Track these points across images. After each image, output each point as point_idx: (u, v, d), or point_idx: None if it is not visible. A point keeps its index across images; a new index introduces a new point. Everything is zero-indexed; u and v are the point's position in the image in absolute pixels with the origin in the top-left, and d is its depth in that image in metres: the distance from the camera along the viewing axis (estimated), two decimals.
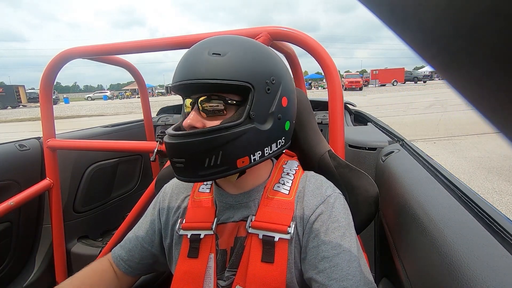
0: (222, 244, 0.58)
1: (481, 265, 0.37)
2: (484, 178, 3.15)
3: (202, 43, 0.53)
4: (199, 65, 0.49)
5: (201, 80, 0.48)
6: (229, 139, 0.49)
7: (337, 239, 0.51)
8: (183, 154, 0.50)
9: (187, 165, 0.50)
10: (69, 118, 13.44)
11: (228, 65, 0.49)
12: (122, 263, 0.64)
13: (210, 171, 0.50)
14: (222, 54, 0.50)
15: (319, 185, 0.59)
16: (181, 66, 0.52)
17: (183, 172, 0.51)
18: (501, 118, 0.11)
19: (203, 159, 0.49)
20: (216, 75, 0.48)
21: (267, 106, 0.52)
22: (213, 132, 0.48)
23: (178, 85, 0.51)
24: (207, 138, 0.48)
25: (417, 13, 0.11)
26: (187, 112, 0.54)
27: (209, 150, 0.49)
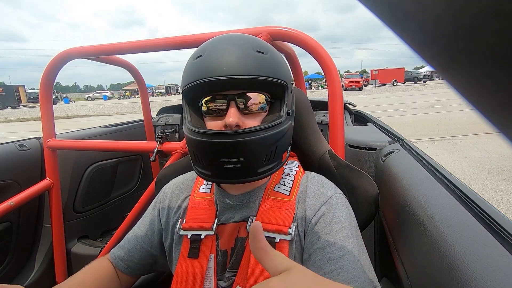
0: (223, 245, 0.58)
1: (481, 265, 0.37)
2: (484, 178, 3.16)
3: (239, 38, 0.51)
4: (248, 60, 0.48)
5: (252, 77, 0.47)
6: (283, 133, 0.51)
7: (342, 240, 0.51)
8: (242, 152, 0.47)
9: (246, 164, 0.48)
10: (69, 118, 13.44)
11: (273, 63, 0.51)
12: (121, 263, 0.64)
13: (267, 167, 0.51)
14: (265, 52, 0.50)
15: (321, 186, 0.59)
16: (221, 58, 0.48)
17: (239, 173, 0.49)
18: (501, 118, 0.11)
19: (263, 156, 0.49)
20: (265, 72, 0.49)
21: (291, 105, 0.57)
22: (272, 128, 0.49)
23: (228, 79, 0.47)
24: (269, 134, 0.49)
25: (417, 13, 0.11)
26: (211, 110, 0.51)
27: (269, 145, 0.50)
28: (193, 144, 0.50)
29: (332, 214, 0.54)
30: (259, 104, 0.51)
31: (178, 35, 0.97)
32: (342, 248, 0.50)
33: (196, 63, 0.50)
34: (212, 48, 0.50)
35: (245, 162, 0.48)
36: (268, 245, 0.34)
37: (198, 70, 0.49)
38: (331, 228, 0.52)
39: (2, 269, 1.23)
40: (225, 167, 0.48)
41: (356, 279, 0.47)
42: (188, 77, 0.51)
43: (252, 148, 0.48)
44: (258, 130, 0.48)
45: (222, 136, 0.47)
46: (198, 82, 0.49)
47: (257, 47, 0.50)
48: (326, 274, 0.49)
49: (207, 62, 0.49)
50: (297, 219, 0.55)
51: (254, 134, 0.48)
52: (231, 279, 0.55)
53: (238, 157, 0.47)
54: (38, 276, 1.33)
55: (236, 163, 0.48)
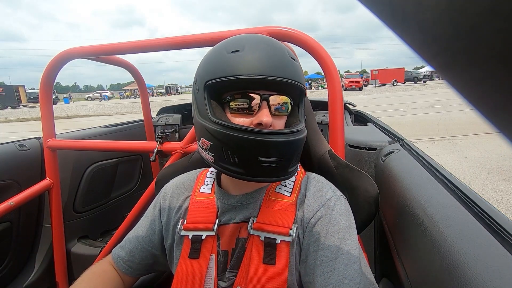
0: (224, 245, 0.58)
1: (481, 265, 0.37)
2: (484, 178, 3.16)
3: (273, 41, 0.53)
4: (287, 66, 0.50)
5: (290, 81, 0.50)
6: (304, 140, 0.55)
7: (336, 242, 0.51)
8: (281, 152, 0.49)
9: (282, 163, 0.50)
10: (69, 118, 13.44)
11: (300, 70, 0.54)
12: (122, 264, 0.64)
13: (293, 168, 0.54)
14: (295, 59, 0.53)
15: (320, 188, 0.59)
16: (264, 59, 0.49)
17: (273, 172, 0.50)
18: (501, 118, 0.11)
19: (294, 155, 0.52)
20: (297, 77, 0.52)
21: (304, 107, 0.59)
22: (301, 131, 0.53)
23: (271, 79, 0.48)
24: (302, 137, 0.53)
25: (417, 13, 0.11)
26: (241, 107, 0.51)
27: (300, 147, 0.54)
28: (226, 139, 0.48)
29: (330, 216, 0.54)
30: (285, 106, 0.54)
31: (178, 35, 0.97)
32: (336, 251, 0.50)
33: (233, 58, 0.49)
34: (251, 45, 0.50)
35: (281, 162, 0.49)
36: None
37: (235, 66, 0.48)
38: (328, 230, 0.53)
39: (2, 269, 1.23)
40: (261, 165, 0.48)
41: (348, 282, 0.47)
42: (222, 71, 0.49)
43: (290, 149, 0.50)
44: (292, 132, 0.51)
45: (263, 135, 0.47)
46: (236, 77, 0.48)
47: (290, 54, 0.53)
48: (318, 276, 0.49)
49: (249, 58, 0.48)
50: (297, 221, 0.55)
51: (291, 135, 0.50)
52: (231, 280, 0.55)
53: (277, 157, 0.48)
54: (38, 276, 1.33)
55: (273, 162, 0.48)
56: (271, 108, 0.51)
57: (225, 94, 0.52)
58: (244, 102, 0.50)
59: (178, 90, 49.13)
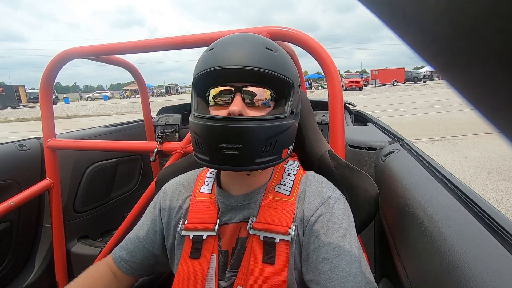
0: (224, 245, 0.58)
1: (481, 265, 0.37)
2: (484, 178, 3.15)
3: (251, 35, 0.54)
4: (257, 55, 0.50)
5: (260, 69, 0.49)
6: (283, 129, 0.52)
7: (338, 240, 0.51)
8: (242, 139, 0.47)
9: (244, 151, 0.48)
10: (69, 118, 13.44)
11: (281, 61, 0.52)
12: (123, 264, 0.64)
13: (264, 159, 0.50)
14: (274, 50, 0.52)
15: (320, 186, 0.59)
16: (231, 51, 0.50)
17: (236, 160, 0.49)
18: (501, 118, 0.11)
19: (261, 146, 0.49)
20: (272, 67, 0.50)
21: (296, 106, 0.57)
22: (275, 120, 0.50)
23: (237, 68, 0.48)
24: (270, 125, 0.49)
25: (417, 13, 0.11)
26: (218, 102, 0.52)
27: (269, 137, 0.50)
28: (195, 128, 0.51)
29: (330, 214, 0.54)
30: (264, 99, 0.52)
31: (178, 35, 0.97)
32: (338, 247, 0.50)
33: (208, 55, 0.52)
34: (224, 42, 0.52)
35: (243, 149, 0.48)
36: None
37: (208, 61, 0.51)
38: (328, 228, 0.53)
39: (2, 269, 1.23)
40: (223, 152, 0.48)
41: (352, 279, 0.47)
42: (199, 67, 0.53)
43: (250, 136, 0.48)
44: (258, 119, 0.49)
45: (223, 120, 0.48)
46: (206, 70, 0.50)
47: (267, 45, 0.52)
48: (322, 273, 0.49)
49: (218, 53, 0.50)
50: (297, 220, 0.55)
51: (254, 122, 0.48)
52: (231, 279, 0.56)
53: (237, 143, 0.47)
54: (38, 276, 1.33)
55: (234, 149, 0.48)
56: (245, 99, 0.51)
57: (208, 90, 0.54)
58: (220, 95, 0.52)
59: (178, 90, 49.09)
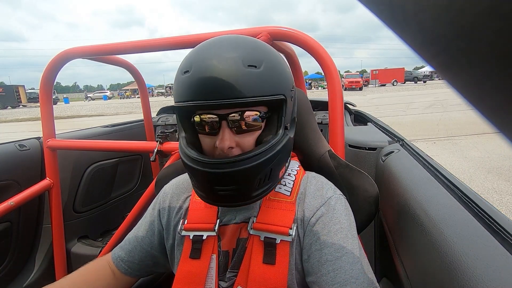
0: (224, 246, 0.58)
1: (481, 265, 0.37)
2: (484, 178, 3.15)
3: (228, 48, 0.46)
4: (237, 80, 0.43)
5: (242, 100, 0.44)
6: (278, 154, 0.49)
7: (340, 241, 0.51)
8: (234, 182, 0.47)
9: (239, 191, 0.48)
10: (69, 118, 13.44)
11: (268, 77, 0.46)
12: (122, 264, 0.64)
13: (261, 190, 0.50)
14: (258, 65, 0.46)
15: (320, 187, 0.59)
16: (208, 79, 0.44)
17: (232, 199, 0.49)
18: (501, 118, 0.11)
19: (256, 181, 0.48)
20: (257, 91, 0.45)
21: (292, 112, 0.53)
22: (267, 151, 0.47)
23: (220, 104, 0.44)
24: (264, 160, 0.47)
25: (417, 13, 0.11)
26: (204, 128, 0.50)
27: (262, 171, 0.48)
28: (187, 167, 0.50)
29: (331, 215, 0.54)
30: (253, 122, 0.49)
31: (177, 35, 0.97)
32: (340, 249, 0.50)
33: (184, 80, 0.46)
34: (198, 63, 0.46)
35: (238, 190, 0.48)
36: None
37: (186, 90, 0.46)
38: (330, 229, 0.52)
39: (2, 269, 1.23)
40: (219, 193, 0.48)
41: (354, 280, 0.47)
42: (178, 95, 0.48)
43: (244, 177, 0.47)
44: (251, 157, 0.46)
45: (211, 165, 0.46)
46: (187, 104, 0.46)
47: (249, 61, 0.45)
48: (324, 275, 0.49)
49: (195, 81, 0.45)
50: (297, 220, 0.55)
51: (246, 162, 0.46)
52: (232, 280, 0.56)
53: (231, 185, 0.47)
54: (38, 276, 1.33)
55: (229, 190, 0.47)
56: (233, 127, 0.48)
57: (193, 114, 0.50)
58: (205, 123, 0.49)
59: None
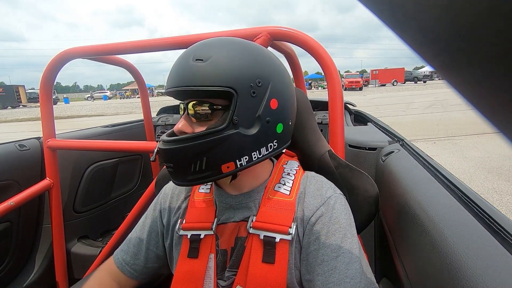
0: (223, 244, 0.58)
1: (481, 265, 0.37)
2: (484, 178, 3.15)
3: (190, 48, 0.54)
4: (183, 72, 0.51)
5: (184, 88, 0.50)
6: (213, 145, 0.49)
7: (338, 241, 0.51)
8: (171, 159, 0.52)
9: (176, 169, 0.52)
10: (69, 118, 13.44)
11: (209, 71, 0.49)
12: (128, 268, 0.63)
13: (196, 176, 0.51)
14: (205, 60, 0.50)
15: (320, 186, 0.59)
16: (171, 72, 0.54)
17: (173, 176, 0.54)
18: (501, 118, 0.11)
19: (189, 165, 0.51)
20: (197, 81, 0.49)
21: (253, 110, 0.51)
22: (197, 138, 0.49)
23: (169, 91, 0.53)
24: (191, 145, 0.50)
25: (417, 13, 0.11)
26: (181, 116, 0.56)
27: (194, 156, 0.50)
28: None
29: (330, 214, 0.54)
30: (203, 111, 0.52)
31: (177, 35, 0.97)
32: (337, 249, 0.50)
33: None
34: (177, 59, 0.55)
35: (175, 168, 0.52)
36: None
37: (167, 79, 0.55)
38: (328, 229, 0.53)
39: (2, 269, 1.23)
40: (168, 169, 0.54)
41: (349, 280, 0.48)
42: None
43: (175, 157, 0.51)
44: (182, 140, 0.50)
45: (164, 142, 0.53)
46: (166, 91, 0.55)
47: (198, 56, 0.50)
48: (319, 275, 0.49)
49: (169, 72, 0.54)
50: (297, 219, 0.55)
51: (178, 143, 0.50)
52: (231, 279, 0.56)
53: (169, 162, 0.52)
54: (38, 276, 1.33)
55: (170, 167, 0.53)
56: (189, 115, 0.53)
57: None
58: (180, 110, 0.56)
59: None
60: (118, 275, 0.64)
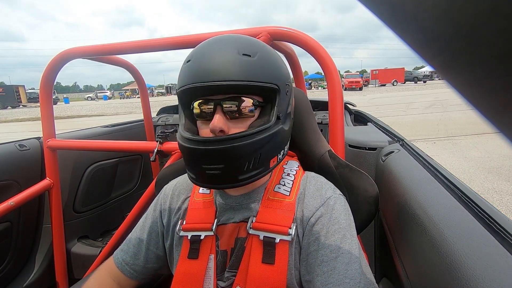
0: (223, 245, 0.58)
1: (481, 265, 0.37)
2: (484, 178, 3.15)
3: (226, 41, 0.50)
4: (231, 65, 0.47)
5: (235, 82, 0.47)
6: (267, 140, 0.50)
7: (337, 241, 0.51)
8: (223, 159, 0.47)
9: (226, 170, 0.48)
10: (69, 118, 13.44)
11: (260, 66, 0.49)
12: (127, 268, 0.63)
13: (249, 174, 0.50)
14: (252, 55, 0.49)
15: (319, 187, 0.59)
16: (206, 64, 0.48)
17: (219, 179, 0.49)
18: (501, 118, 0.11)
19: (243, 163, 0.49)
20: (250, 76, 0.48)
21: (286, 107, 0.55)
22: (256, 134, 0.48)
23: (203, 86, 0.47)
24: (250, 142, 0.48)
25: (417, 13, 0.11)
26: (201, 114, 0.51)
27: (251, 153, 0.49)
28: (180, 148, 0.52)
29: (330, 215, 0.54)
30: (246, 108, 0.50)
31: (177, 35, 0.97)
32: (337, 250, 0.50)
33: (185, 68, 0.50)
34: (199, 53, 0.50)
35: (225, 169, 0.48)
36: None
37: (187, 75, 0.49)
38: (328, 229, 0.53)
39: (2, 269, 1.23)
40: (206, 172, 0.49)
41: (348, 281, 0.47)
42: (180, 81, 0.51)
43: (231, 156, 0.47)
44: (239, 137, 0.47)
45: (202, 143, 0.48)
46: (184, 88, 0.49)
47: (243, 50, 0.49)
48: (319, 275, 0.49)
49: (194, 67, 0.49)
50: (297, 220, 0.55)
51: (234, 141, 0.47)
52: (230, 279, 0.56)
53: (218, 164, 0.48)
54: (38, 276, 1.33)
55: (216, 170, 0.48)
56: (226, 112, 0.50)
57: (191, 103, 0.52)
58: (202, 109, 0.51)
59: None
60: (118, 275, 0.64)
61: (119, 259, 0.64)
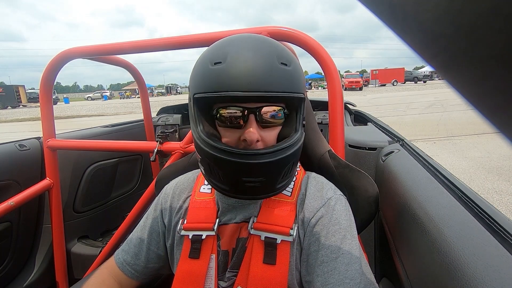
0: (224, 245, 0.58)
1: (481, 265, 0.37)
2: (484, 178, 3.15)
3: (261, 45, 0.48)
4: (273, 76, 0.46)
5: (280, 94, 0.46)
6: (299, 150, 0.52)
7: (337, 242, 0.51)
8: (263, 173, 0.48)
9: (266, 182, 0.49)
10: (69, 118, 13.44)
11: (295, 76, 0.49)
12: (128, 268, 0.63)
13: (284, 182, 0.52)
14: (288, 64, 0.48)
15: (320, 188, 0.59)
16: (245, 71, 0.45)
17: (258, 191, 0.50)
18: (501, 118, 0.11)
19: (281, 173, 0.50)
20: (290, 87, 0.48)
21: (303, 115, 0.56)
22: (291, 147, 0.50)
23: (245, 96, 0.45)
24: (292, 152, 0.49)
25: (417, 13, 0.11)
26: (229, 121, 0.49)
27: (288, 164, 0.50)
28: (211, 158, 0.49)
29: (330, 215, 0.54)
30: (278, 117, 0.51)
31: (177, 35, 0.97)
32: (337, 250, 0.50)
33: (215, 71, 0.46)
34: (234, 55, 0.46)
35: (265, 181, 0.49)
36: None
37: (218, 80, 0.46)
38: (328, 230, 0.53)
39: (2, 269, 1.23)
40: (245, 185, 0.49)
41: (348, 281, 0.48)
42: (205, 85, 0.47)
43: (273, 168, 0.49)
44: (278, 150, 0.48)
45: (244, 156, 0.47)
46: (221, 94, 0.46)
47: (281, 59, 0.48)
48: (319, 276, 0.49)
49: (229, 72, 0.45)
50: (298, 221, 0.55)
51: (275, 154, 0.48)
52: (232, 279, 0.56)
53: (260, 177, 0.48)
54: (38, 276, 1.33)
55: (258, 182, 0.48)
56: (259, 121, 0.49)
57: (214, 106, 0.50)
58: (231, 116, 0.49)
59: (178, 90, 49.02)
60: (119, 275, 0.64)
61: (120, 259, 0.64)
